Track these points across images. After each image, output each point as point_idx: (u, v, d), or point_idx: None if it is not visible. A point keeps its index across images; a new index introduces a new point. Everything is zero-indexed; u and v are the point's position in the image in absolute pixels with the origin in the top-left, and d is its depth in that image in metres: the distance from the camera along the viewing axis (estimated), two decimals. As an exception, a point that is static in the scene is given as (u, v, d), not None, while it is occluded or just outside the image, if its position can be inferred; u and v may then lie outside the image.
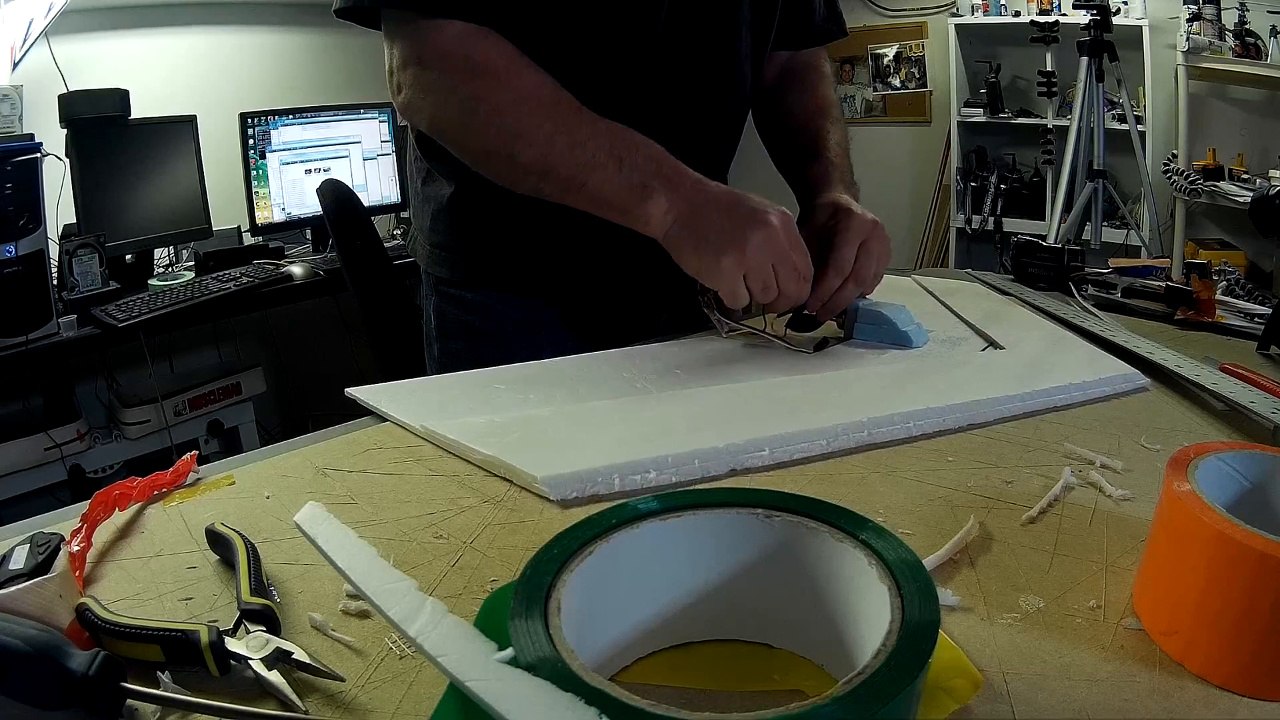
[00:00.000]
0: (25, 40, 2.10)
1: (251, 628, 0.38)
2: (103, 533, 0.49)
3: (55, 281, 1.99)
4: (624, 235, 0.72)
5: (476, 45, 0.71)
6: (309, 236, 2.73)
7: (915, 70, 3.71)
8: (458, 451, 0.58)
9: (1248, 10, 2.80)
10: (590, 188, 0.71)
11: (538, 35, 0.73)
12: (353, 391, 0.69)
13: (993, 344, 0.77)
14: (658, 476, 0.53)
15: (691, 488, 0.53)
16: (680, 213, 0.70)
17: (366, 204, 2.41)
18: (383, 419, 0.65)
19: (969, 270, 1.07)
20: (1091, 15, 2.84)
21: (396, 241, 2.69)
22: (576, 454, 0.54)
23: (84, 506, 0.48)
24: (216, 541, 0.45)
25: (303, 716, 0.34)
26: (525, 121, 0.71)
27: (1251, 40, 2.80)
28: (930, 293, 0.94)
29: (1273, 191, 2.45)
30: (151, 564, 0.46)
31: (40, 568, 0.40)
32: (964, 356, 0.75)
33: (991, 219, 3.51)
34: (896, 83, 3.77)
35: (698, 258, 0.70)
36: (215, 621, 0.37)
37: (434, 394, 0.69)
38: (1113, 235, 3.08)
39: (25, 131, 2.10)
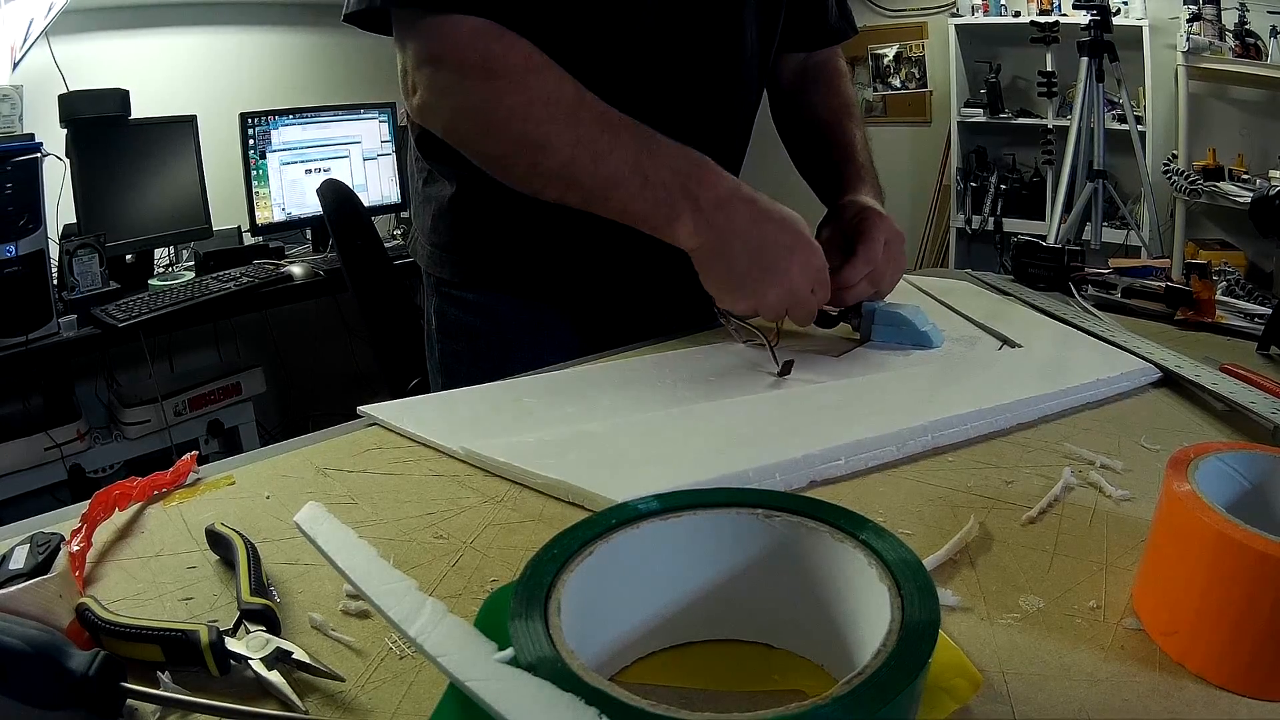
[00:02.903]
0: (25, 40, 2.10)
1: (251, 628, 0.38)
2: (103, 533, 0.49)
3: (55, 281, 2.00)
4: (627, 236, 0.72)
5: (494, 43, 0.69)
6: (309, 236, 2.73)
7: (915, 70, 3.71)
8: (511, 475, 0.54)
9: (1248, 10, 2.80)
10: (614, 203, 0.70)
11: (543, 33, 0.73)
12: (367, 409, 0.65)
13: (1008, 343, 0.77)
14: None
15: (691, 488, 0.52)
16: (704, 241, 0.69)
17: (366, 204, 2.41)
18: (383, 419, 0.65)
19: (969, 270, 1.07)
20: (1091, 15, 2.84)
21: (396, 241, 2.69)
22: (647, 474, 0.52)
23: (84, 506, 0.48)
24: (216, 541, 0.45)
25: (303, 716, 0.34)
26: (546, 129, 0.69)
27: (1251, 40, 2.80)
28: (927, 293, 0.94)
29: (1273, 191, 2.45)
30: (151, 564, 0.46)
31: (40, 568, 0.40)
32: (988, 356, 0.75)
33: (991, 219, 3.51)
34: (896, 83, 3.77)
35: (718, 291, 0.72)
36: (215, 621, 0.37)
37: (459, 410, 0.65)
38: (1113, 235, 3.09)
39: (25, 131, 2.10)
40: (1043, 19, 3.10)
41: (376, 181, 2.80)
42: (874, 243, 0.77)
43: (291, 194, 2.61)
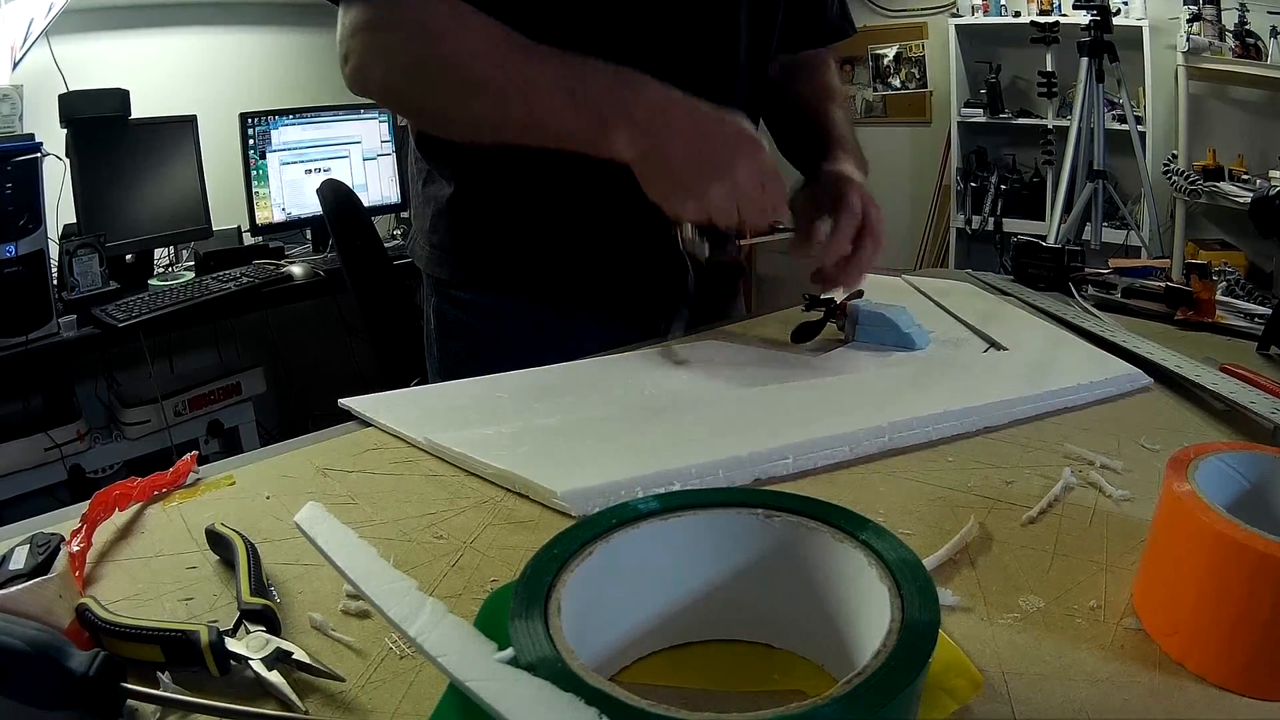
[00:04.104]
0: (25, 40, 2.10)
1: (251, 628, 0.38)
2: (103, 533, 0.49)
3: (55, 281, 1.99)
4: (626, 236, 0.72)
5: (428, 7, 0.70)
6: (309, 236, 2.73)
7: (915, 70, 3.71)
8: (466, 466, 0.56)
9: (1248, 10, 2.80)
10: (549, 127, 0.69)
11: (530, 35, 0.72)
12: (346, 402, 0.67)
13: (994, 345, 0.77)
14: (682, 488, 0.51)
15: (691, 488, 0.52)
16: (641, 148, 0.67)
17: (366, 204, 2.41)
18: (383, 419, 0.65)
19: (969, 270, 1.07)
20: (1091, 16, 2.84)
21: (396, 241, 2.70)
22: (595, 466, 0.53)
23: (84, 506, 0.48)
24: (216, 542, 0.45)
25: (303, 716, 0.34)
26: (475, 73, 0.69)
27: (1251, 40, 2.80)
28: (923, 293, 0.94)
29: (1273, 192, 2.45)
30: (151, 564, 0.46)
31: (40, 568, 0.40)
32: (969, 358, 0.75)
33: (991, 219, 3.51)
34: (896, 83, 3.76)
35: (662, 196, 0.69)
36: (215, 621, 0.37)
37: (433, 404, 0.67)
38: (1113, 236, 3.08)
39: (25, 131, 2.10)
40: (1043, 19, 3.10)
41: (376, 181, 2.80)
42: (850, 198, 0.75)
43: (291, 194, 2.61)
